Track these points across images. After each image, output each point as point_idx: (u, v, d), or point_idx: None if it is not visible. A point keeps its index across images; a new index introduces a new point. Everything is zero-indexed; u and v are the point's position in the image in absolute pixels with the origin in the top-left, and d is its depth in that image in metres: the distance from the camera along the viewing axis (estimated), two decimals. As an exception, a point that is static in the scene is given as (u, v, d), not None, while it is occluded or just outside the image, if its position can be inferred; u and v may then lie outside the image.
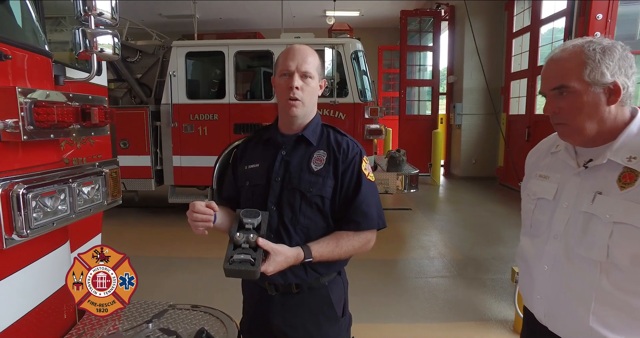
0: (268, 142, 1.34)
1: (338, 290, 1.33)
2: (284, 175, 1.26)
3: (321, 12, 12.20)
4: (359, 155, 1.29)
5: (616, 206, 0.94)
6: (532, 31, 7.61)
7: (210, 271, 3.70)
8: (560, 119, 1.03)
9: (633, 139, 0.98)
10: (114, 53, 1.70)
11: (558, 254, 1.04)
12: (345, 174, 1.26)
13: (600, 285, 0.97)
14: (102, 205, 1.41)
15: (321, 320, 1.28)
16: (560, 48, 1.04)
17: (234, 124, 5.16)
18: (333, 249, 1.22)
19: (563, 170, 1.10)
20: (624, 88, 0.97)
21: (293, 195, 1.24)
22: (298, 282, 1.26)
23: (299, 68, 1.21)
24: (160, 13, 11.57)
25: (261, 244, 1.11)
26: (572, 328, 1.02)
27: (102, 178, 1.39)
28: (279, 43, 5.18)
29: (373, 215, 1.26)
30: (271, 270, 1.13)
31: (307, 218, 1.25)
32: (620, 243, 0.93)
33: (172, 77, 5.13)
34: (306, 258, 1.18)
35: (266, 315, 1.29)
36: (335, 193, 1.26)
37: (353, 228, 1.25)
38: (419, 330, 2.77)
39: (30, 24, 1.48)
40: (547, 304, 1.07)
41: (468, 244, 4.66)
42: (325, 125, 1.35)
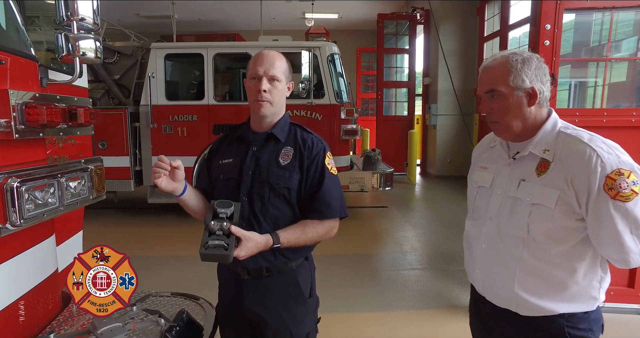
0: (240, 139, 1.47)
1: (305, 273, 1.46)
2: (254, 169, 1.40)
3: (300, 14, 12.34)
4: (323, 151, 1.43)
5: (534, 190, 1.13)
6: (502, 36, 7.95)
7: (189, 268, 3.79)
8: (493, 117, 1.21)
9: (548, 134, 1.17)
10: (96, 56, 1.80)
11: (492, 233, 1.22)
12: (310, 168, 1.40)
13: (523, 257, 1.15)
14: (87, 199, 1.52)
15: (289, 301, 1.41)
16: (491, 58, 1.22)
17: (212, 124, 5.25)
18: (299, 236, 1.35)
19: (498, 161, 1.29)
20: (540, 92, 1.16)
21: (262, 187, 1.38)
22: (268, 265, 1.38)
23: (267, 72, 1.35)
24: (138, 13, 11.46)
25: (233, 231, 1.23)
26: (502, 295, 1.21)
27: (87, 174, 1.50)
28: (257, 46, 5.30)
29: (335, 206, 1.40)
30: (243, 255, 1.24)
31: (275, 208, 1.38)
32: (536, 221, 1.12)
33: (151, 79, 5.18)
34: (275, 244, 1.31)
35: (240, 298, 1.41)
36: (301, 185, 1.39)
37: (317, 217, 1.39)
38: (390, 317, 2.95)
39: (15, 26, 1.57)
40: (483, 277, 1.26)
41: (440, 239, 4.88)
42: (292, 123, 1.49)
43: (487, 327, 1.31)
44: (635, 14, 3.30)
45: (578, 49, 4.52)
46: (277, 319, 1.39)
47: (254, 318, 1.42)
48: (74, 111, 1.47)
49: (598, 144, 1.09)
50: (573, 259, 1.13)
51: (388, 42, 10.29)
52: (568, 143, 1.13)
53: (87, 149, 2.22)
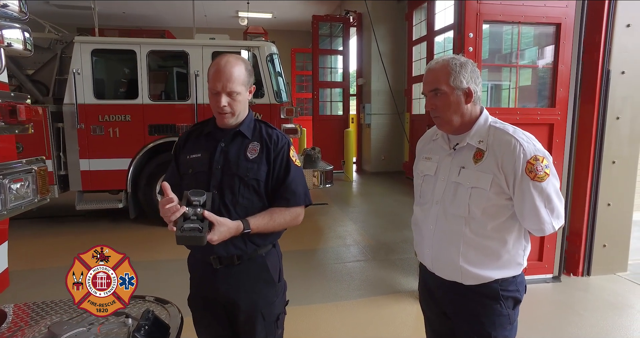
0: (209, 135, 1.52)
1: (273, 259, 1.54)
2: (224, 163, 1.46)
3: (233, 12, 12.13)
4: (287, 145, 1.53)
5: (472, 175, 1.32)
6: (428, 40, 8.55)
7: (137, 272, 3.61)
8: (436, 113, 1.38)
9: (481, 128, 1.37)
10: (25, 49, 1.68)
11: (439, 215, 1.39)
12: (277, 160, 1.49)
13: (465, 233, 1.34)
14: (32, 202, 1.43)
15: (261, 285, 1.49)
16: (434, 61, 1.39)
17: (148, 124, 5.01)
18: (268, 222, 1.43)
19: (440, 152, 1.46)
20: (474, 92, 1.35)
21: (232, 180, 1.44)
22: (239, 253, 1.44)
23: (224, 88, 1.40)
24: (49, 1, 10.36)
25: (207, 215, 1.29)
26: (449, 269, 1.38)
27: (31, 176, 1.41)
28: (194, 44, 5.16)
29: (300, 194, 1.50)
30: (216, 239, 1.30)
31: (245, 199, 1.45)
32: (475, 201, 1.31)
33: (76, 75, 4.80)
34: (245, 230, 1.38)
35: (213, 286, 1.46)
36: (269, 176, 1.48)
37: (284, 205, 1.48)
38: (340, 307, 3.09)
39: None
40: (432, 254, 1.42)
41: (379, 231, 5.16)
42: (257, 120, 1.57)
43: (436, 301, 1.48)
44: (534, 29, 3.78)
45: (493, 55, 5.06)
46: (249, 302, 1.46)
47: (227, 303, 1.47)
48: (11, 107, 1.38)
49: (520, 135, 1.30)
50: (504, 232, 1.33)
51: (322, 43, 10.53)
52: (497, 135, 1.32)
53: (10, 152, 2.06)
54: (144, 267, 3.82)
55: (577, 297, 3.26)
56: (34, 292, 3.32)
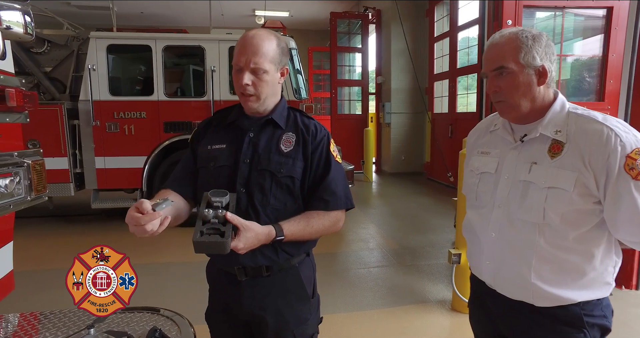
0: (233, 124, 1.30)
1: (308, 270, 1.32)
2: (252, 157, 1.23)
3: (250, 11, 12.03)
4: (327, 138, 1.30)
5: (548, 173, 1.06)
6: (451, 36, 8.23)
7: (143, 278, 3.45)
8: (500, 96, 1.12)
9: (557, 115, 1.11)
10: (26, 32, 1.51)
11: (502, 221, 1.14)
12: (315, 155, 1.26)
13: (539, 244, 1.08)
14: (24, 201, 1.24)
15: (292, 300, 1.27)
16: (498, 34, 1.14)
17: (164, 122, 4.87)
18: (304, 228, 1.20)
19: (501, 145, 1.20)
20: (549, 71, 1.09)
21: (262, 177, 1.21)
22: (269, 264, 1.23)
23: (249, 63, 1.17)
24: (69, 2, 10.46)
25: (230, 218, 1.07)
26: (517, 286, 1.12)
27: (23, 170, 1.22)
28: (210, 38, 5.00)
29: (341, 195, 1.27)
30: (242, 247, 1.08)
31: (277, 199, 1.22)
32: (552, 205, 1.04)
33: (92, 72, 4.69)
34: (277, 237, 1.15)
35: (236, 300, 1.25)
36: (305, 174, 1.25)
37: (323, 208, 1.24)
38: (367, 317, 2.84)
39: None
40: (494, 268, 1.16)
41: (403, 234, 4.89)
42: (291, 108, 1.34)
43: (494, 322, 1.22)
44: (574, 21, 3.47)
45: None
46: (279, 320, 1.24)
47: (253, 319, 1.26)
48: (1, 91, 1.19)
49: (614, 123, 1.03)
50: (590, 244, 1.07)
51: (340, 40, 10.30)
52: (581, 123, 1.06)
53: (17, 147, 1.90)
54: (154, 270, 3.66)
55: (631, 313, 2.93)
56: (44, 295, 3.17)
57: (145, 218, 0.97)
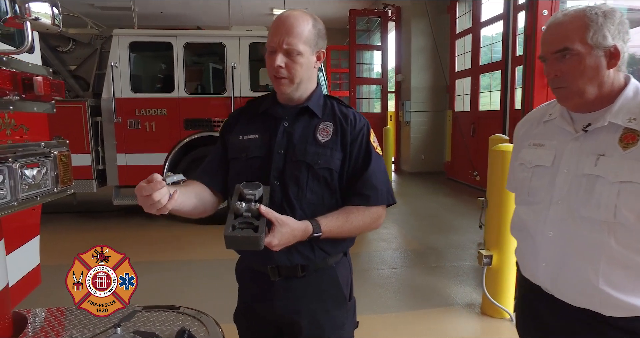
0: (266, 113, 1.22)
1: (345, 271, 1.24)
2: (287, 147, 1.16)
3: (268, 10, 12.02)
4: (367, 128, 1.21)
5: (621, 166, 0.95)
6: (473, 33, 8.03)
7: (159, 275, 3.44)
8: (561, 82, 1.02)
9: (630, 102, 0.99)
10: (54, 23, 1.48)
11: (562, 218, 1.03)
12: (354, 146, 1.17)
13: (609, 245, 0.96)
14: (50, 193, 1.19)
15: (329, 304, 1.19)
16: (561, 13, 1.03)
17: (184, 119, 4.86)
18: (343, 224, 1.12)
19: (560, 136, 1.09)
20: (622, 52, 0.97)
21: (298, 168, 1.14)
22: (304, 263, 1.15)
23: (282, 44, 1.09)
24: (93, 3, 10.67)
25: (264, 212, 1.00)
26: (581, 292, 1.01)
27: (50, 161, 1.17)
28: (231, 35, 4.97)
29: (383, 190, 1.18)
30: (276, 243, 1.01)
31: (314, 193, 1.14)
32: (627, 201, 0.93)
33: (114, 69, 4.72)
34: (315, 233, 1.07)
35: (268, 302, 1.17)
36: (344, 166, 1.16)
37: (363, 203, 1.15)
38: (392, 320, 2.75)
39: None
40: (553, 270, 1.06)
41: (425, 234, 4.76)
42: (327, 96, 1.26)
43: (550, 332, 1.11)
44: None
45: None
46: (314, 324, 1.16)
47: (285, 323, 1.19)
48: (28, 79, 1.14)
49: None
50: None
51: (359, 38, 10.18)
52: None
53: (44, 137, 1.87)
54: (174, 268, 3.64)
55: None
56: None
57: (149, 187, 0.90)
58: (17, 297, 1.83)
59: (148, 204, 0.92)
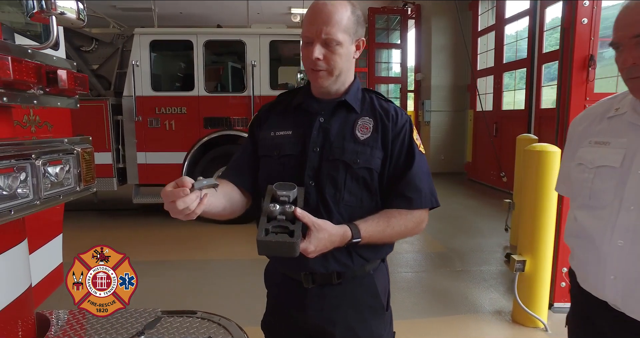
0: (299, 108, 1.14)
1: (383, 278, 1.16)
2: (323, 145, 1.07)
3: (286, 9, 11.99)
4: (409, 124, 1.12)
5: None
6: (497, 30, 7.81)
7: (177, 274, 3.41)
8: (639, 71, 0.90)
9: None
10: (78, 18, 1.45)
11: (636, 226, 0.91)
12: (395, 144, 1.08)
13: None
14: (74, 191, 1.14)
15: (366, 314, 1.10)
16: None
17: (203, 117, 4.84)
18: (384, 229, 1.03)
19: (630, 133, 0.98)
20: None
21: (336, 168, 1.05)
22: (341, 270, 1.07)
23: (320, 34, 1.01)
24: (115, 5, 10.89)
25: (300, 215, 0.92)
26: None
27: (73, 158, 1.12)
28: (251, 33, 4.93)
29: (426, 192, 1.08)
30: (312, 250, 0.93)
31: (352, 195, 1.05)
32: None
33: (135, 68, 4.73)
34: (354, 239, 0.98)
35: (300, 310, 1.10)
36: (384, 166, 1.07)
37: (405, 206, 1.06)
38: (419, 326, 2.64)
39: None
40: (625, 285, 0.94)
41: (448, 237, 4.62)
42: (366, 89, 1.17)
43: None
44: None
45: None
46: (349, 335, 1.08)
47: (318, 333, 1.11)
48: (52, 73, 1.09)
49: None
50: None
51: (378, 37, 10.05)
52: None
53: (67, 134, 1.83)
54: (195, 267, 3.60)
55: None
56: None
57: (174, 193, 0.83)
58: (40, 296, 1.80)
59: (174, 210, 0.85)
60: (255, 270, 1.15)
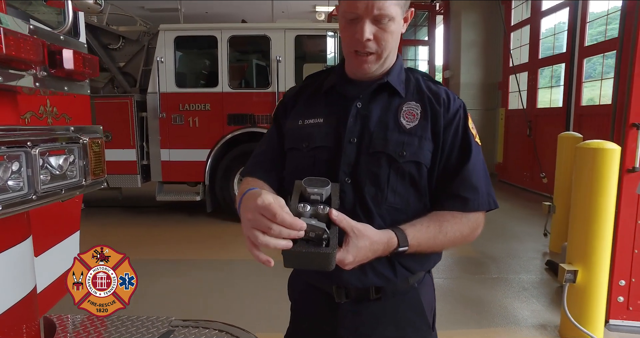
0: (332, 91, 0.97)
1: (429, 293, 0.99)
2: (361, 135, 0.90)
3: (311, 7, 11.91)
4: (463, 110, 0.93)
5: None
6: (532, 23, 7.42)
7: (199, 274, 3.31)
8: None
9: None
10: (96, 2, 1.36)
11: None
12: (448, 133, 0.90)
13: None
14: (79, 185, 1.02)
15: (409, 333, 0.94)
16: None
17: (227, 114, 4.76)
18: (435, 235, 0.85)
19: None
20: None
21: (377, 162, 0.88)
22: (381, 284, 0.90)
23: (370, 10, 0.81)
24: (143, 6, 11.14)
25: (336, 219, 0.75)
26: None
27: (79, 148, 1.00)
28: (276, 27, 4.81)
29: (483, 191, 0.91)
30: (350, 261, 0.76)
31: (397, 195, 0.88)
32: None
33: (160, 64, 4.69)
34: (400, 247, 0.82)
35: (330, 329, 0.94)
36: (434, 160, 0.90)
37: (459, 208, 0.89)
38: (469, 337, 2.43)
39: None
40: None
41: (481, 241, 4.35)
42: (410, 69, 0.99)
43: None
44: None
45: None
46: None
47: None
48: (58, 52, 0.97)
49: None
50: None
51: (405, 33, 9.77)
52: None
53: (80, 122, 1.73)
54: (215, 267, 3.50)
55: None
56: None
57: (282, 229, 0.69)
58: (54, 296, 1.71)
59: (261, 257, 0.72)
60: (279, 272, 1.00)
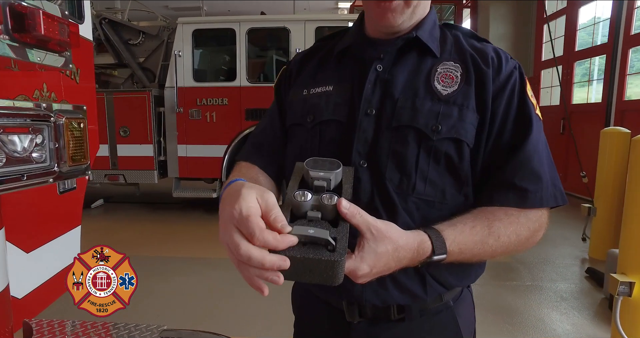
0: (346, 53, 0.76)
1: (466, 311, 0.77)
2: (381, 105, 0.68)
3: (334, 4, 11.76)
4: (519, 72, 0.70)
5: None
6: (569, 14, 6.99)
7: (213, 274, 3.18)
8: None
9: None
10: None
11: None
12: (499, 102, 0.67)
13: None
14: (49, 172, 0.86)
15: None
16: None
17: (245, 109, 4.62)
18: (483, 239, 0.62)
19: None
20: None
21: (403, 140, 0.66)
22: (405, 302, 0.69)
23: None
24: (167, 5, 11.33)
25: (347, 213, 0.53)
26: None
27: (49, 128, 0.84)
28: (296, 19, 4.64)
29: (548, 181, 0.67)
30: (365, 272, 0.54)
31: (429, 183, 0.66)
32: None
33: (178, 58, 4.61)
34: (435, 255, 0.58)
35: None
36: (480, 138, 0.67)
37: (516, 202, 0.65)
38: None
39: None
40: None
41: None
42: (447, 25, 0.76)
43: None
44: None
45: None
46: None
47: None
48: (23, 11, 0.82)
49: None
50: None
51: (431, 28, 9.47)
52: None
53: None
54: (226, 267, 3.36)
55: None
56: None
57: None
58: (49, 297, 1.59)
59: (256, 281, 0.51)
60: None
